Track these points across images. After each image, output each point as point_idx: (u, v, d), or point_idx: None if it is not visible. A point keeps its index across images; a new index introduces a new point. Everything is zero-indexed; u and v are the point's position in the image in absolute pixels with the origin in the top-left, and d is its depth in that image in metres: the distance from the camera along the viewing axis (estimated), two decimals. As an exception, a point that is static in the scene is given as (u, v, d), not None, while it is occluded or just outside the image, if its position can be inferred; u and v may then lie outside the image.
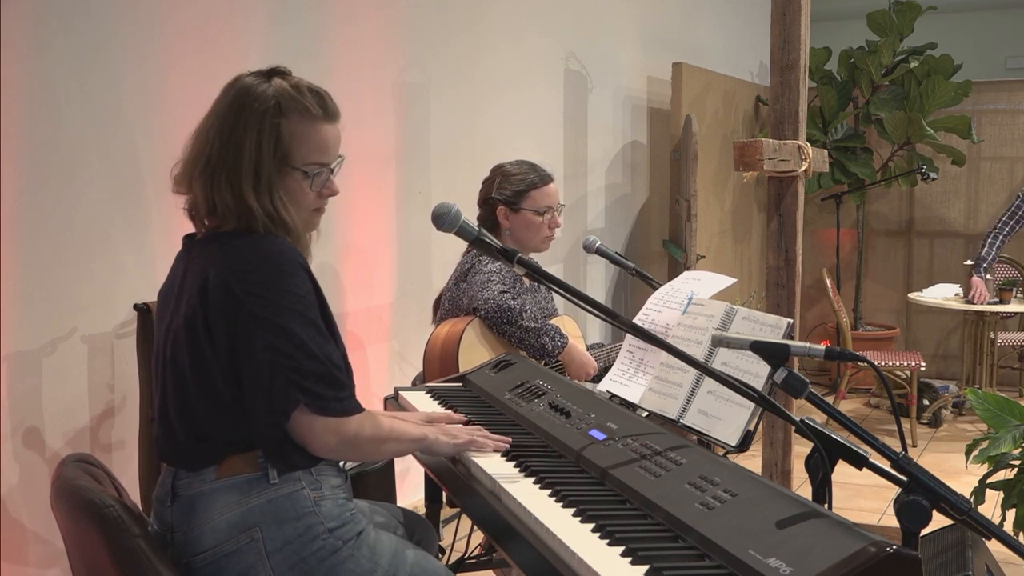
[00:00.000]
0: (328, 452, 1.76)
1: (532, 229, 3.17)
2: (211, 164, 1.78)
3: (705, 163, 5.78)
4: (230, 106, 1.80)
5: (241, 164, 1.77)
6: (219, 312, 1.71)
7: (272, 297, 1.70)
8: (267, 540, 1.72)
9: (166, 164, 3.05)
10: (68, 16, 2.67)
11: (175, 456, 1.79)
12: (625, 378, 2.47)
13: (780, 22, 3.34)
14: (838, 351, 1.77)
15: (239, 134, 1.77)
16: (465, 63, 4.36)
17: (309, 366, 1.70)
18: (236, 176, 1.76)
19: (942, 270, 7.22)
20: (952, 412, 6.28)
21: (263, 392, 1.69)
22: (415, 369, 3.67)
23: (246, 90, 1.81)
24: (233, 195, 1.76)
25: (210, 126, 1.81)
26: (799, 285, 3.43)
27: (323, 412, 1.71)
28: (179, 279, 1.84)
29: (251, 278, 1.71)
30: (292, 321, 1.70)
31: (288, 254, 1.76)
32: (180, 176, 1.85)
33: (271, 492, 1.73)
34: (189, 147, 1.84)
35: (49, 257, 2.65)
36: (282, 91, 1.81)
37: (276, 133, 1.78)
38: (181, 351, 1.76)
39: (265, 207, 1.77)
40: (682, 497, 1.63)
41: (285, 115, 1.79)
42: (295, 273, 1.74)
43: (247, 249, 1.75)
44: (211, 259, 1.76)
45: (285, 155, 1.80)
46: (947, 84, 6.44)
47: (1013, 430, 2.97)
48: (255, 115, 1.78)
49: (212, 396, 1.74)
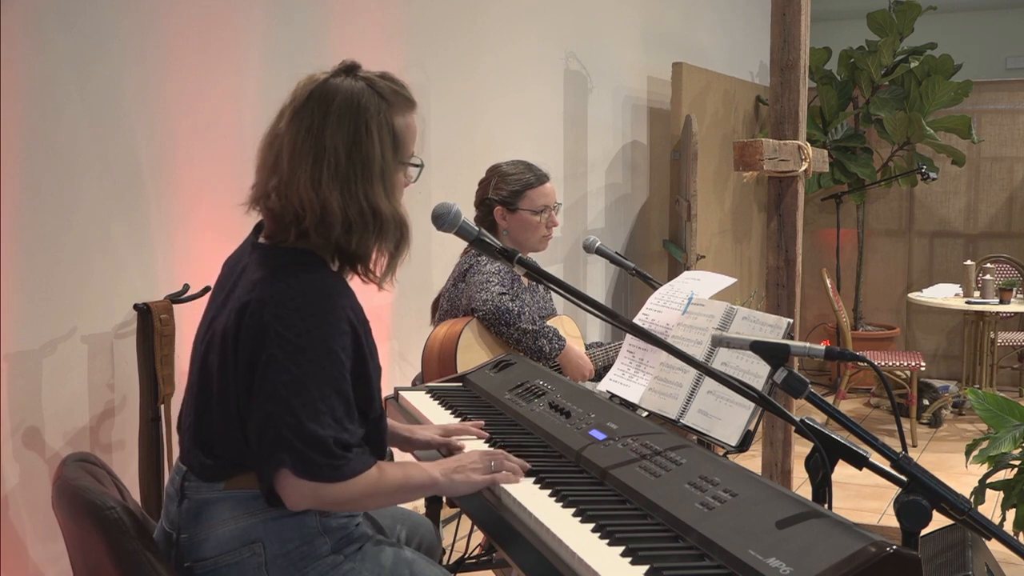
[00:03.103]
0: (305, 508, 1.67)
1: (530, 229, 3.17)
2: (342, 174, 1.69)
3: (705, 163, 5.78)
4: (343, 114, 1.71)
5: (372, 171, 1.71)
6: (248, 340, 1.64)
7: (301, 345, 1.62)
8: (269, 555, 1.70)
9: (166, 164, 3.07)
10: (68, 16, 2.67)
11: (188, 457, 1.77)
12: (625, 378, 2.47)
13: (780, 22, 3.34)
14: (838, 351, 1.77)
15: (363, 140, 1.70)
16: (465, 63, 4.36)
17: (309, 428, 1.60)
18: (369, 184, 1.70)
19: (942, 270, 7.22)
20: (952, 412, 6.28)
21: (256, 437, 1.64)
22: (415, 369, 3.67)
23: (351, 94, 1.72)
24: (368, 204, 1.70)
25: (323, 138, 1.70)
26: (799, 285, 3.44)
27: (306, 476, 1.61)
28: (239, 272, 1.77)
29: (288, 318, 1.63)
30: (310, 376, 1.62)
31: (339, 300, 1.67)
32: (292, 194, 1.70)
33: (277, 510, 1.70)
34: (291, 159, 1.71)
35: (49, 257, 2.65)
36: (381, 87, 1.75)
37: (392, 130, 1.74)
38: (214, 357, 1.71)
39: (395, 211, 1.72)
40: (682, 497, 1.63)
41: (393, 110, 1.75)
42: (338, 326, 1.65)
43: (302, 284, 1.67)
44: (265, 279, 1.68)
45: (400, 151, 1.76)
46: (947, 84, 6.44)
47: (1013, 430, 2.97)
48: (374, 118, 1.72)
49: (228, 414, 1.69)
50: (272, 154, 1.75)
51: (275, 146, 1.75)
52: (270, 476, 1.64)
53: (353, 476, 1.65)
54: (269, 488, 1.66)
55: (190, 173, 3.03)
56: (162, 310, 2.80)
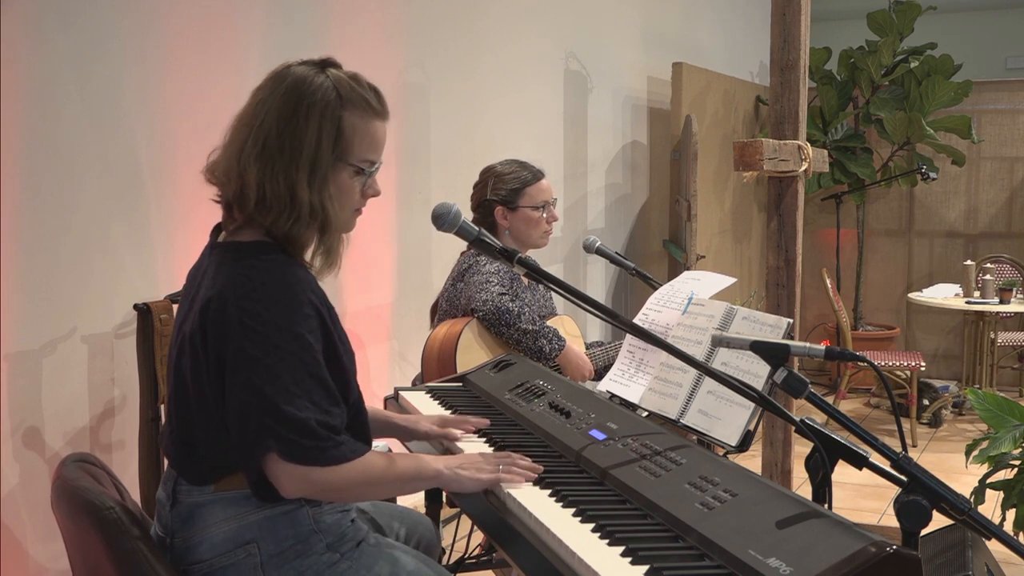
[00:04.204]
0: (300, 496, 1.66)
1: (532, 225, 3.18)
2: (268, 151, 1.69)
3: (705, 163, 5.78)
4: (288, 94, 1.72)
5: (300, 155, 1.69)
6: (215, 336, 1.64)
7: (267, 334, 1.61)
8: (264, 555, 1.69)
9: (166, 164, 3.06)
10: (68, 16, 2.67)
11: (175, 462, 1.76)
12: (625, 378, 2.47)
13: (780, 22, 3.34)
14: (838, 351, 1.77)
15: (299, 124, 1.70)
16: (465, 63, 4.36)
17: (287, 411, 1.59)
18: (292, 166, 1.69)
19: (942, 270, 7.22)
20: (952, 412, 6.28)
21: (237, 430, 1.63)
22: (415, 369, 3.67)
23: (304, 79, 1.73)
24: (286, 185, 1.69)
25: (262, 113, 1.72)
26: (799, 285, 3.44)
27: (296, 460, 1.60)
28: (200, 275, 1.77)
29: (251, 308, 1.63)
30: (282, 363, 1.61)
31: (301, 287, 1.67)
32: (222, 163, 1.75)
33: (269, 509, 1.69)
34: (234, 134, 1.75)
35: (49, 257, 2.65)
36: (342, 83, 1.74)
37: (338, 126, 1.72)
38: (186, 360, 1.70)
39: (313, 201, 1.70)
40: (682, 497, 1.63)
41: (346, 108, 1.73)
42: (301, 310, 1.65)
43: (260, 274, 1.66)
44: (224, 273, 1.68)
45: (343, 149, 1.74)
46: (947, 84, 6.44)
47: (1013, 430, 2.97)
48: (317, 106, 1.71)
49: (207, 415, 1.68)
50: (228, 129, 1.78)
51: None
52: (258, 465, 1.62)
53: (344, 461, 1.64)
54: (257, 480, 1.64)
55: (190, 173, 3.01)
56: (162, 310, 2.80)
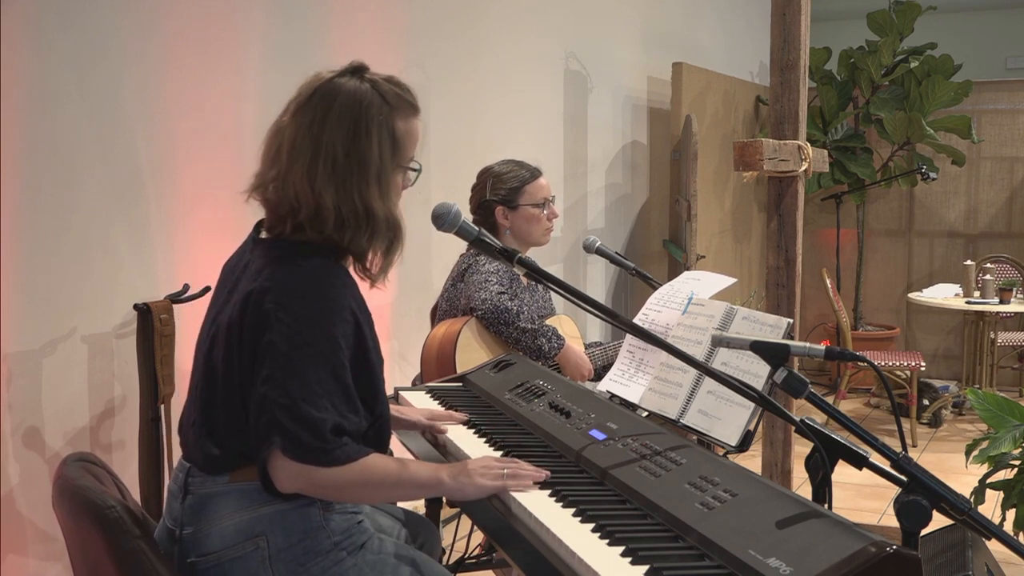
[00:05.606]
0: (293, 492, 1.67)
1: (533, 222, 3.18)
2: (339, 173, 1.71)
3: (705, 163, 5.78)
4: (344, 113, 1.73)
5: (368, 170, 1.72)
6: (251, 327, 1.67)
7: (300, 330, 1.64)
8: (272, 549, 1.70)
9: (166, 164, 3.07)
10: (68, 16, 2.67)
11: (193, 451, 1.77)
12: (625, 378, 2.47)
13: (780, 22, 3.34)
14: (838, 351, 1.77)
15: (362, 140, 1.72)
16: (465, 63, 4.36)
17: (304, 409, 1.61)
18: (364, 183, 1.72)
19: (942, 270, 7.22)
20: (952, 412, 6.28)
21: (253, 421, 1.65)
22: (415, 369, 3.67)
23: (353, 94, 1.74)
24: (362, 203, 1.72)
25: (322, 135, 1.72)
26: (799, 285, 3.44)
27: (295, 457, 1.61)
28: (240, 269, 1.79)
29: (290, 304, 1.65)
30: (309, 361, 1.63)
31: (341, 290, 1.69)
32: (290, 187, 1.72)
33: (281, 503, 1.71)
34: (292, 156, 1.73)
35: (49, 257, 2.65)
36: (385, 89, 1.77)
37: (392, 133, 1.76)
38: (219, 351, 1.72)
39: (388, 214, 1.74)
40: (682, 497, 1.63)
41: (395, 114, 1.76)
42: (339, 314, 1.67)
43: (305, 273, 1.69)
44: (269, 269, 1.70)
45: (400, 155, 1.78)
46: (947, 84, 6.44)
47: (1013, 430, 2.97)
48: (375, 120, 1.73)
49: (233, 404, 1.71)
50: (274, 146, 1.78)
51: (277, 138, 1.78)
52: (264, 458, 1.65)
53: (344, 463, 1.64)
54: (263, 472, 1.66)
55: (190, 173, 3.03)
56: (162, 310, 2.80)
